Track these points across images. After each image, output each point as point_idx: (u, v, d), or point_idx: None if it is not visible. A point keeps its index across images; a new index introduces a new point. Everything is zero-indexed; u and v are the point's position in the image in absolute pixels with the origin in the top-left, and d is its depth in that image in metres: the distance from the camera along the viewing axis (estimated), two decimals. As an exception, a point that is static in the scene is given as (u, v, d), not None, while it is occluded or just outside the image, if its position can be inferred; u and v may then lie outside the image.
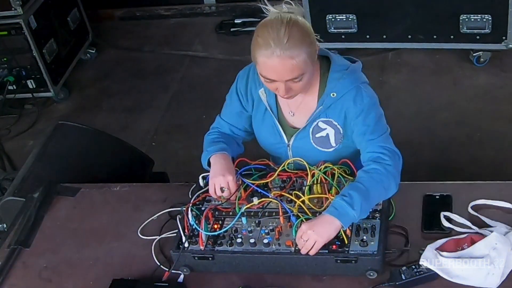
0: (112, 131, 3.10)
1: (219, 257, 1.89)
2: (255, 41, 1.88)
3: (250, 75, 2.12)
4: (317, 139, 2.08)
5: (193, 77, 4.43)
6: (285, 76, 1.88)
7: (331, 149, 2.09)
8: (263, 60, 1.87)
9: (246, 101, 2.15)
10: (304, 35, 1.87)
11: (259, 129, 2.18)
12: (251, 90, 2.13)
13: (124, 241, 2.13)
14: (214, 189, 2.04)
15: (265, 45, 1.85)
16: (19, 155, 3.87)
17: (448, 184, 2.12)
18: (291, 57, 1.84)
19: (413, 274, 1.77)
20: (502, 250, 1.76)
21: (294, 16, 1.89)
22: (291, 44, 1.83)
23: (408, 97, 3.90)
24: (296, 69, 1.87)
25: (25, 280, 2.07)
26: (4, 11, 4.03)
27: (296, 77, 1.89)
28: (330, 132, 2.06)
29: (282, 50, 1.83)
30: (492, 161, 3.31)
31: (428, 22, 3.88)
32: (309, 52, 1.88)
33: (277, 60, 1.85)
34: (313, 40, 1.91)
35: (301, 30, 1.87)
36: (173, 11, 5.17)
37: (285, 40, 1.83)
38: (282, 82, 1.90)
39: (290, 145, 2.13)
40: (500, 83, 3.87)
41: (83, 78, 4.69)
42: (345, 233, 1.83)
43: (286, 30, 1.83)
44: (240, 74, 2.16)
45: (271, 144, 2.18)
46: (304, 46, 1.86)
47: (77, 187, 2.38)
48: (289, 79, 1.89)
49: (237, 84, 2.16)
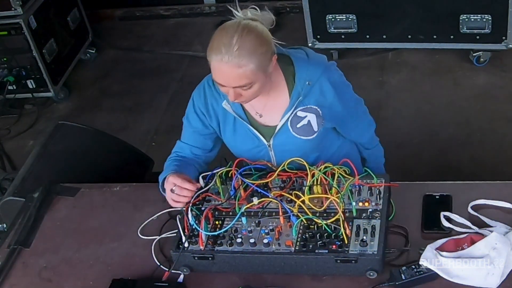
0: (112, 131, 3.10)
1: (219, 257, 1.89)
2: (211, 43, 1.90)
3: (206, 92, 2.13)
4: (298, 129, 2.09)
5: (193, 77, 4.39)
6: (232, 83, 1.91)
7: (314, 135, 2.11)
8: (213, 64, 1.89)
9: (209, 119, 2.15)
10: (257, 46, 1.87)
11: (232, 140, 2.18)
12: (212, 106, 2.12)
13: (124, 241, 2.13)
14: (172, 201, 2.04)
15: (216, 49, 1.86)
16: (19, 155, 3.87)
17: (448, 184, 2.12)
18: (239, 66, 1.86)
19: (413, 274, 1.77)
20: (502, 250, 1.76)
21: (253, 24, 1.89)
22: (240, 53, 1.84)
23: (408, 97, 3.90)
24: (244, 78, 1.88)
25: (25, 280, 2.06)
26: (4, 11, 4.04)
27: (244, 85, 1.91)
28: (311, 117, 2.08)
29: (231, 58, 1.84)
30: (492, 161, 3.31)
31: (428, 22, 3.88)
32: (259, 63, 1.88)
33: (225, 66, 1.86)
34: (266, 51, 1.91)
35: (255, 40, 1.87)
36: (173, 11, 5.17)
37: (235, 48, 1.84)
38: (230, 87, 1.92)
39: (271, 145, 2.13)
40: (500, 83, 3.87)
41: (83, 78, 4.69)
42: (345, 233, 1.83)
43: (239, 38, 1.84)
44: (195, 94, 2.16)
45: (249, 150, 2.17)
46: (254, 56, 1.86)
47: (77, 187, 2.38)
48: (236, 86, 1.91)
49: (193, 104, 2.16)
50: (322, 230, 1.87)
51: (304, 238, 1.87)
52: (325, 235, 1.86)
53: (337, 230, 1.85)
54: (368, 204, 1.93)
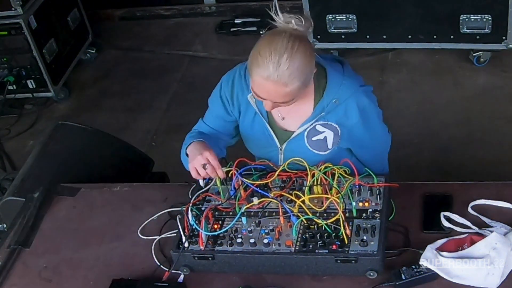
0: (112, 131, 3.09)
1: (219, 257, 1.89)
2: (255, 57, 1.85)
3: (235, 81, 2.10)
4: (313, 142, 2.08)
5: (193, 77, 4.43)
6: (276, 99, 1.90)
7: (327, 151, 2.10)
8: (258, 79, 1.86)
9: (232, 107, 2.13)
10: (305, 64, 1.85)
11: (248, 133, 2.17)
12: (237, 96, 2.11)
13: (124, 241, 2.13)
14: (196, 172, 1.98)
15: (263, 66, 1.82)
16: (19, 155, 3.87)
17: (448, 184, 2.12)
18: (286, 85, 1.84)
19: (413, 274, 1.77)
20: (502, 250, 1.76)
21: (300, 39, 1.84)
22: (289, 73, 1.82)
23: (408, 97, 3.90)
24: (288, 96, 1.88)
25: (25, 280, 2.07)
26: (4, 11, 4.03)
27: (286, 102, 1.91)
28: (329, 134, 2.07)
29: (279, 77, 1.82)
30: (492, 161, 3.31)
31: (428, 22, 3.88)
32: (305, 81, 1.88)
33: (272, 85, 1.84)
34: (312, 68, 1.89)
35: (304, 58, 1.84)
36: (173, 11, 5.17)
37: (285, 67, 1.81)
38: (271, 101, 1.91)
39: (283, 148, 2.13)
40: (500, 83, 3.87)
41: (83, 78, 4.69)
42: (345, 233, 1.83)
43: (288, 57, 1.81)
44: (224, 78, 2.14)
45: (261, 148, 2.17)
46: (302, 76, 1.85)
47: (77, 187, 2.38)
48: (279, 102, 1.91)
49: (221, 89, 2.13)
50: (322, 230, 1.87)
51: (304, 238, 1.87)
52: (325, 235, 1.86)
53: (337, 230, 1.85)
54: (368, 204, 1.93)
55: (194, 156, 2.00)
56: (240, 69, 2.10)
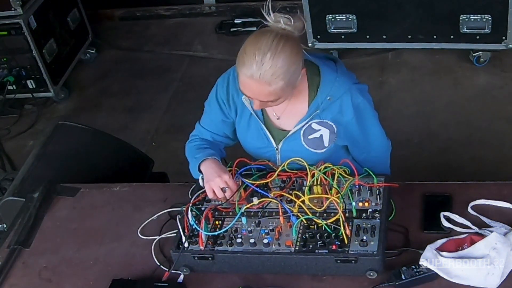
0: (112, 131, 3.10)
1: (219, 257, 1.89)
2: (242, 55, 1.86)
3: (230, 82, 2.11)
4: (309, 140, 2.08)
5: (193, 77, 4.43)
6: (260, 97, 1.91)
7: (323, 149, 2.09)
8: (242, 78, 1.87)
9: (228, 109, 2.13)
10: (290, 64, 1.84)
11: (244, 135, 2.17)
12: (233, 97, 2.11)
13: (124, 241, 2.13)
14: (212, 192, 2.02)
15: (247, 64, 1.83)
16: (19, 155, 3.87)
17: (448, 184, 2.12)
18: (269, 84, 1.84)
19: (413, 274, 1.77)
20: (502, 250, 1.76)
21: (287, 38, 1.84)
22: (272, 72, 1.82)
23: (408, 97, 3.90)
24: (272, 95, 1.88)
25: (25, 280, 2.07)
26: (4, 11, 4.03)
27: (271, 101, 1.91)
28: (325, 132, 2.07)
29: (262, 76, 1.82)
30: (492, 161, 3.31)
31: (428, 22, 3.88)
32: (289, 81, 1.87)
33: (255, 83, 1.85)
34: (297, 67, 1.88)
35: (288, 58, 1.83)
36: (173, 11, 5.17)
37: (268, 66, 1.81)
38: (257, 100, 1.92)
39: (279, 148, 2.13)
40: (500, 83, 3.87)
41: (83, 78, 4.69)
42: (345, 233, 1.83)
43: (272, 56, 1.81)
44: (219, 81, 2.14)
45: (257, 148, 2.17)
46: (286, 75, 1.84)
47: (77, 187, 2.38)
48: (263, 100, 1.91)
49: (217, 91, 2.14)
50: (322, 230, 1.87)
51: (304, 238, 1.87)
52: (325, 235, 1.86)
53: (337, 230, 1.85)
54: (368, 204, 1.93)
55: (212, 177, 2.02)
56: (233, 71, 2.11)
